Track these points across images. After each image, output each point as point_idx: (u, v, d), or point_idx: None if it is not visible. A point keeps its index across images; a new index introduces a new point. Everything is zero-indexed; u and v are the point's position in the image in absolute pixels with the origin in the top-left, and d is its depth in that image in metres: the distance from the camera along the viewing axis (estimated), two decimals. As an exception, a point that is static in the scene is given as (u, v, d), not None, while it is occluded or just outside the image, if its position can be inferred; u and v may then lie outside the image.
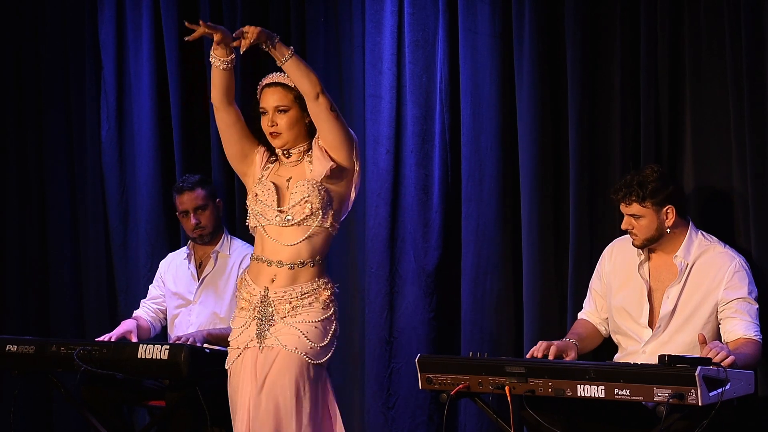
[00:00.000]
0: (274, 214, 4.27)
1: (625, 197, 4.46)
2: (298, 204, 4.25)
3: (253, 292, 4.28)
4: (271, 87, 4.34)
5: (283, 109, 4.30)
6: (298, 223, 4.25)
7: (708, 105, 4.85)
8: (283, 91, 4.32)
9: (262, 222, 4.29)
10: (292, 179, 4.30)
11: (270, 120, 4.30)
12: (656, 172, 4.47)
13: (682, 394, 3.82)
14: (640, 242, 4.51)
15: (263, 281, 4.27)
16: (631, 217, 4.48)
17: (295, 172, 4.33)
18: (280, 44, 4.29)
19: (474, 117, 5.32)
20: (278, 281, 4.26)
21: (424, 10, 5.44)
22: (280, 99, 4.31)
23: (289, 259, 4.25)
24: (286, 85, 4.31)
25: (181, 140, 6.07)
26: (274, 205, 4.28)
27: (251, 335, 4.24)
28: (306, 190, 4.25)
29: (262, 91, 4.36)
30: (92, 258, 6.36)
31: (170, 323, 5.51)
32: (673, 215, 4.46)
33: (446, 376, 4.23)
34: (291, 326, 4.21)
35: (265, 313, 4.24)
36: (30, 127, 6.51)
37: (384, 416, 5.48)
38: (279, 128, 4.30)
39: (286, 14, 5.84)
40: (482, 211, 5.31)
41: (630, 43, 4.98)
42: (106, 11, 6.25)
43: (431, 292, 5.44)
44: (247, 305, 4.29)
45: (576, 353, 4.48)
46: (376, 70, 5.52)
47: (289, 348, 4.19)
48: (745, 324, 4.36)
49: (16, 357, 5.08)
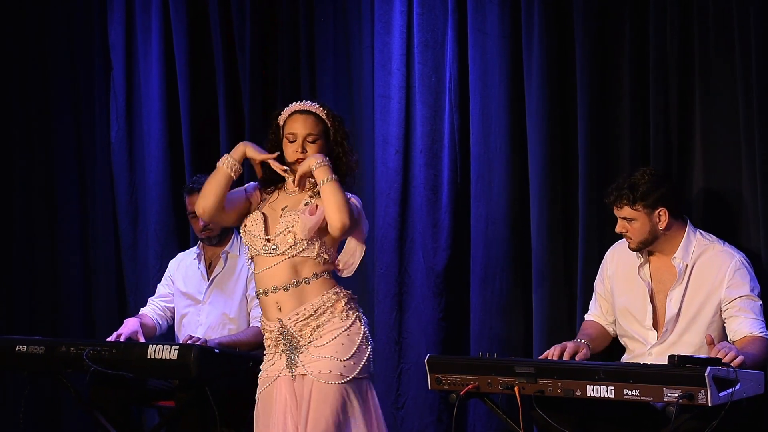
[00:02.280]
0: (262, 244, 4.28)
1: (617, 200, 4.45)
2: (281, 233, 4.26)
3: (269, 327, 4.29)
4: (303, 114, 4.32)
5: (313, 139, 4.29)
6: (283, 252, 4.25)
7: (717, 105, 4.84)
8: (315, 120, 4.31)
9: (253, 253, 4.31)
10: (287, 208, 4.30)
11: (300, 146, 4.29)
12: (648, 175, 4.46)
13: (692, 394, 3.81)
14: (634, 245, 4.49)
15: (273, 313, 4.28)
16: (624, 220, 4.47)
17: (291, 201, 4.33)
18: (326, 168, 4.23)
19: (483, 117, 5.32)
20: (285, 307, 4.26)
21: (433, 10, 5.44)
22: (311, 128, 4.30)
23: (282, 282, 4.25)
24: (318, 116, 4.32)
25: (191, 141, 6.08)
26: (262, 234, 4.28)
27: (281, 365, 4.25)
28: (291, 220, 4.25)
29: (290, 115, 4.34)
30: (102, 259, 6.38)
31: (178, 323, 5.51)
32: (666, 217, 4.44)
33: (455, 376, 4.23)
34: (319, 352, 4.21)
35: (290, 343, 4.25)
36: (39, 129, 6.52)
37: (393, 416, 5.48)
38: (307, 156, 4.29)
39: (295, 15, 5.84)
40: (491, 212, 5.30)
41: (639, 43, 4.97)
42: (116, 13, 6.27)
43: (440, 292, 5.44)
44: (271, 342, 4.30)
45: (588, 352, 4.47)
46: (385, 71, 5.52)
47: (322, 379, 4.20)
48: (750, 322, 4.35)
49: (26, 357, 5.08)
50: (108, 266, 6.35)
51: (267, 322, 4.31)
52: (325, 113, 4.33)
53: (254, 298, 5.24)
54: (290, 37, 5.87)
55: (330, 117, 4.34)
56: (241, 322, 5.33)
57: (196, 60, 6.11)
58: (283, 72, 5.88)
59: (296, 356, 4.23)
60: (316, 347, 4.22)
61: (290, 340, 4.24)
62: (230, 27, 5.98)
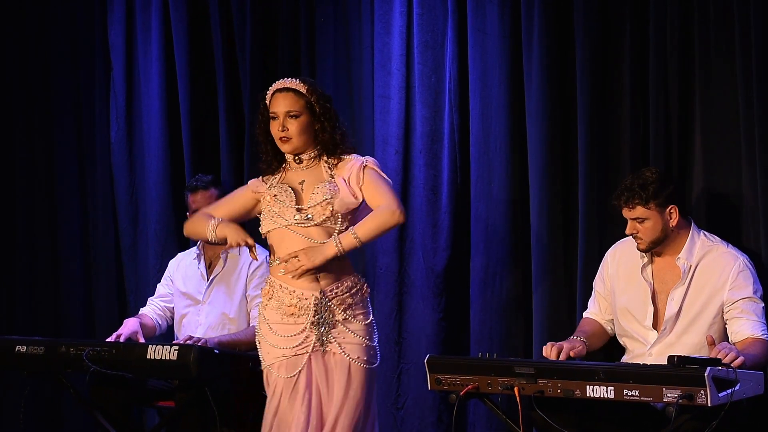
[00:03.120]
0: (293, 213, 4.28)
1: (628, 201, 4.44)
2: (319, 204, 4.27)
3: (301, 296, 4.28)
4: (282, 92, 4.34)
5: (295, 115, 4.31)
6: (318, 224, 4.26)
7: (717, 106, 4.84)
8: (295, 96, 4.32)
9: (281, 223, 4.29)
10: (306, 182, 4.32)
11: (281, 125, 4.31)
12: (655, 173, 4.46)
13: (692, 394, 3.81)
14: (645, 245, 4.49)
15: (306, 284, 4.27)
16: (635, 221, 4.46)
17: (308, 175, 4.35)
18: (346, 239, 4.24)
19: (483, 117, 5.31)
20: (324, 280, 4.28)
21: (433, 10, 5.44)
22: (291, 104, 4.32)
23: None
24: (298, 91, 4.32)
25: (191, 141, 6.07)
26: (293, 204, 4.28)
27: (312, 341, 4.26)
28: (329, 192, 4.27)
29: (272, 95, 4.36)
30: (102, 259, 6.38)
31: (178, 323, 5.51)
32: (677, 214, 4.45)
33: (455, 376, 4.23)
34: (353, 333, 4.27)
35: (324, 317, 4.26)
36: (40, 129, 6.52)
37: (393, 417, 5.48)
38: (290, 133, 4.31)
39: (295, 15, 5.84)
40: (491, 212, 5.30)
41: (639, 43, 4.97)
42: (116, 12, 6.27)
43: (440, 292, 5.44)
44: (298, 311, 4.28)
45: (584, 349, 4.48)
46: (385, 71, 5.52)
47: (360, 362, 4.27)
48: (752, 323, 4.35)
49: (26, 358, 5.08)
50: (108, 266, 6.35)
51: (295, 289, 4.27)
52: (305, 88, 4.32)
53: (254, 298, 5.25)
54: (290, 37, 5.87)
55: (311, 92, 4.33)
56: (240, 322, 5.33)
57: (196, 60, 6.10)
58: (283, 72, 5.85)
59: (329, 331, 4.25)
60: (350, 326, 4.27)
61: (324, 315, 4.25)
62: (230, 27, 5.98)
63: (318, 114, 4.32)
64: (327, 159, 4.37)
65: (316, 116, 4.31)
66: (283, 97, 4.33)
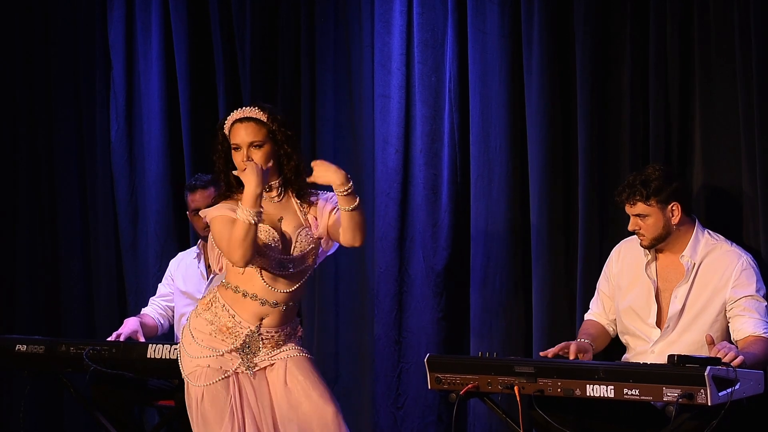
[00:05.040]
0: (278, 263, 4.13)
1: (630, 197, 4.45)
2: (306, 255, 4.17)
3: (238, 323, 4.13)
4: (243, 122, 4.15)
5: (258, 144, 4.12)
6: (296, 273, 4.17)
7: (717, 105, 4.84)
8: (257, 126, 4.14)
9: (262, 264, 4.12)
10: (285, 221, 4.18)
11: (244, 156, 4.12)
12: (658, 170, 4.46)
13: (692, 394, 3.81)
14: (648, 242, 4.49)
15: (250, 318, 4.13)
16: (637, 217, 4.47)
17: (282, 210, 4.21)
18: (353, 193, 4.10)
19: (483, 117, 5.32)
20: (269, 321, 4.16)
21: (433, 10, 5.44)
22: (254, 134, 4.13)
23: (283, 301, 4.15)
24: (259, 120, 4.14)
25: (191, 140, 6.07)
26: (280, 253, 4.14)
27: (237, 363, 4.13)
28: (311, 241, 4.17)
29: (232, 125, 4.17)
30: (102, 258, 6.38)
31: (178, 322, 5.51)
32: (679, 212, 4.45)
33: (455, 375, 4.23)
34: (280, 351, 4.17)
35: (251, 347, 4.14)
36: (40, 128, 6.53)
37: (393, 416, 5.48)
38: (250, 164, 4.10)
39: (296, 14, 5.84)
40: (491, 211, 5.30)
41: (639, 42, 4.97)
42: (116, 12, 6.27)
43: (440, 292, 5.44)
44: (228, 333, 4.13)
45: (592, 354, 4.47)
46: (385, 70, 5.52)
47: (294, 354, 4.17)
48: (754, 322, 4.35)
49: (26, 357, 5.09)
50: (108, 266, 6.35)
51: (237, 317, 4.13)
52: (265, 116, 4.15)
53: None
54: (290, 37, 5.87)
55: (272, 119, 4.16)
56: (241, 322, 5.33)
57: (196, 59, 6.10)
58: (283, 71, 5.88)
59: (252, 357, 4.14)
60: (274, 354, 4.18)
61: (252, 344, 4.15)
62: (230, 26, 5.98)
63: (281, 142, 4.16)
64: (295, 198, 4.23)
65: (279, 144, 4.16)
66: (245, 127, 4.14)
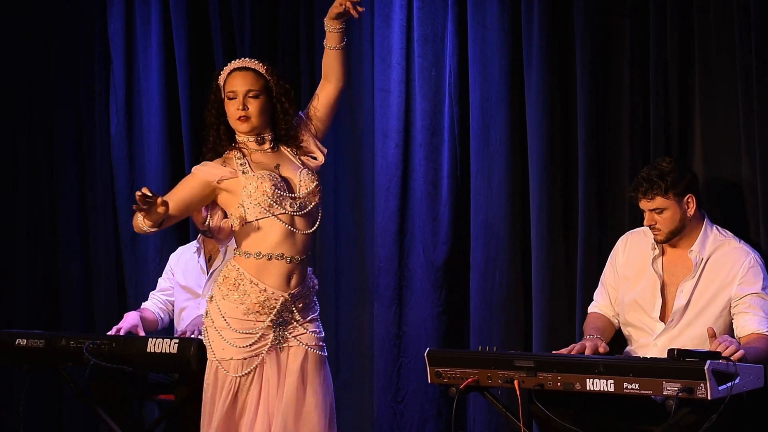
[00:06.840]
0: (289, 203, 4.16)
1: (648, 192, 4.42)
2: (311, 193, 4.21)
3: (270, 296, 4.12)
4: (242, 71, 4.21)
5: (255, 95, 4.18)
6: (310, 212, 4.22)
7: (717, 100, 4.84)
8: (255, 76, 4.20)
9: (275, 212, 4.12)
10: (282, 167, 4.21)
11: (240, 104, 4.17)
12: (671, 163, 4.45)
13: (692, 388, 3.81)
14: (664, 236, 4.47)
15: (279, 283, 4.13)
16: (653, 212, 4.44)
17: (278, 158, 4.23)
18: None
19: (483, 111, 5.31)
20: (295, 280, 4.16)
21: (433, 4, 5.44)
22: (252, 83, 4.19)
23: (303, 252, 4.17)
24: (258, 71, 4.21)
25: (191, 135, 6.07)
26: (287, 193, 4.17)
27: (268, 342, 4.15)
28: (315, 179, 4.21)
29: (229, 74, 4.22)
30: (102, 253, 6.38)
31: (178, 317, 5.51)
32: (694, 203, 4.44)
33: (455, 370, 4.22)
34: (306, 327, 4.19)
35: (284, 318, 4.17)
36: (40, 123, 6.53)
37: (393, 410, 5.48)
38: (249, 113, 4.18)
39: (295, 7, 5.84)
40: (491, 205, 5.30)
41: (639, 36, 4.97)
42: (115, 5, 6.27)
43: (440, 286, 5.44)
44: (260, 308, 4.13)
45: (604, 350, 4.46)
46: (385, 64, 5.51)
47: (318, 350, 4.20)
48: (758, 319, 4.34)
49: (26, 351, 5.09)
50: (108, 260, 6.35)
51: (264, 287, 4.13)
52: (264, 69, 4.22)
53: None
54: (290, 30, 5.86)
55: (270, 73, 4.22)
56: (240, 316, 5.33)
57: (195, 53, 6.10)
58: (283, 64, 5.87)
59: (285, 331, 4.17)
60: (305, 322, 4.20)
61: (285, 315, 4.17)
62: (230, 19, 5.97)
63: (277, 95, 4.21)
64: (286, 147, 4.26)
65: (276, 98, 4.21)
66: (243, 76, 4.20)
